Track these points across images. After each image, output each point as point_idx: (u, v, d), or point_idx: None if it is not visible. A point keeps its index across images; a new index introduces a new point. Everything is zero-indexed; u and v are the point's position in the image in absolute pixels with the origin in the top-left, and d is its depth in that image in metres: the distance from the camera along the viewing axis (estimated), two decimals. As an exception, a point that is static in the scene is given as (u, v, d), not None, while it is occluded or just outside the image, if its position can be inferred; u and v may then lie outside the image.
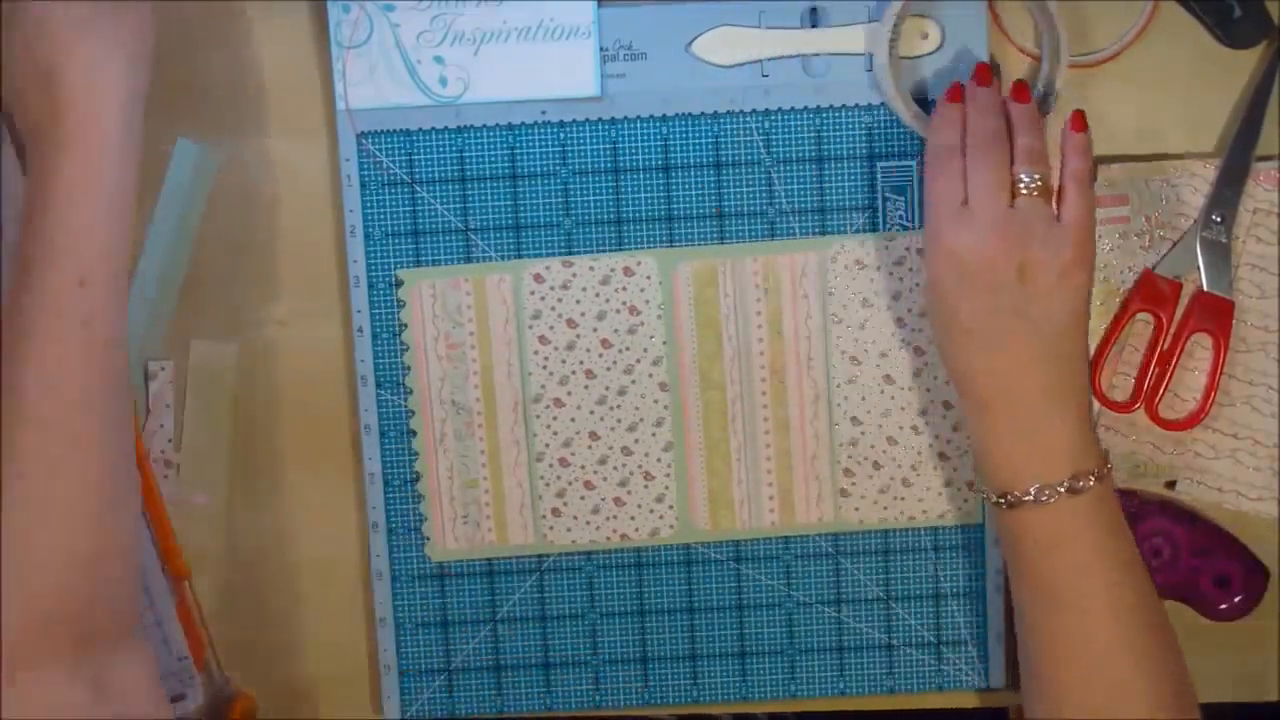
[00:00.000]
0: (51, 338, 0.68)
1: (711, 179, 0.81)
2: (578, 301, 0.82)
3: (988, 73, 0.78)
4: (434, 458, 0.82)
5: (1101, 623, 0.73)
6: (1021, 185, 0.74)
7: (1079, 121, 0.77)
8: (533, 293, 0.81)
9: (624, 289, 0.82)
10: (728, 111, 0.81)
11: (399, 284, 0.81)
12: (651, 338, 0.82)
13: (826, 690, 0.84)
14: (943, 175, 0.75)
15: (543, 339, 0.82)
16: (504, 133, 0.81)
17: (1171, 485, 0.83)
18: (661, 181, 0.81)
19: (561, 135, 0.81)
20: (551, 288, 0.82)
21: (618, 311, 0.82)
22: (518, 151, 0.81)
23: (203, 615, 0.84)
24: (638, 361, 0.82)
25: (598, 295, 0.82)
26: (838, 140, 0.81)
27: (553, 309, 0.82)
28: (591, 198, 0.81)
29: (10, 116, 0.73)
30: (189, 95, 0.82)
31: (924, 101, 0.80)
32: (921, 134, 0.79)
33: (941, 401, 0.82)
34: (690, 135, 0.81)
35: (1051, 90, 0.79)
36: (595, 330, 0.82)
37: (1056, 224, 0.74)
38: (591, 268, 0.81)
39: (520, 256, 0.81)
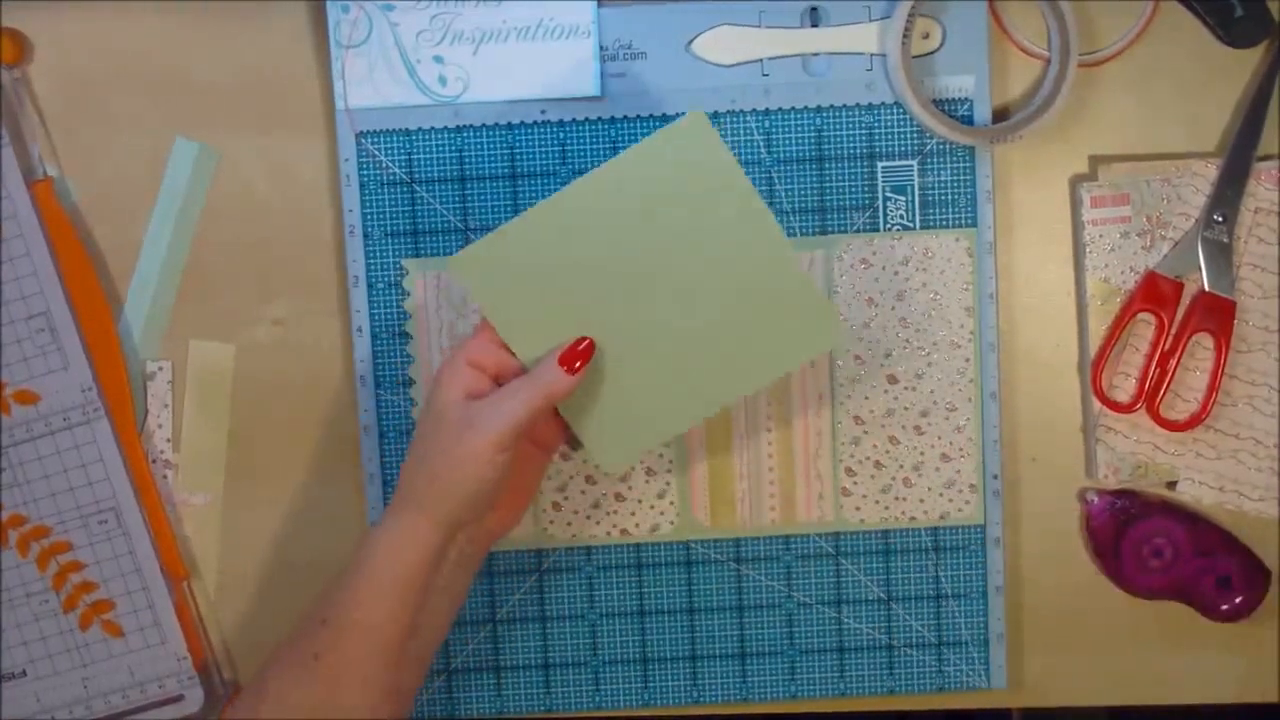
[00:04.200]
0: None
1: (712, 179, 0.81)
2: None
3: None
4: (434, 457, 0.82)
5: None
6: None
7: None
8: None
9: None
10: (728, 111, 0.81)
11: (404, 273, 0.81)
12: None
13: (827, 691, 0.84)
14: None
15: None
16: (504, 132, 0.81)
17: (1173, 485, 0.82)
18: (662, 181, 0.81)
19: (561, 135, 0.81)
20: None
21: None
22: (517, 151, 0.81)
23: (202, 615, 0.84)
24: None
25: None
26: (838, 140, 0.81)
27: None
28: (592, 197, 0.81)
29: None
30: (189, 95, 0.82)
31: (936, 101, 0.80)
32: (933, 130, 0.79)
33: (945, 403, 0.82)
34: (690, 135, 0.81)
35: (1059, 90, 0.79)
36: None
37: None
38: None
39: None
